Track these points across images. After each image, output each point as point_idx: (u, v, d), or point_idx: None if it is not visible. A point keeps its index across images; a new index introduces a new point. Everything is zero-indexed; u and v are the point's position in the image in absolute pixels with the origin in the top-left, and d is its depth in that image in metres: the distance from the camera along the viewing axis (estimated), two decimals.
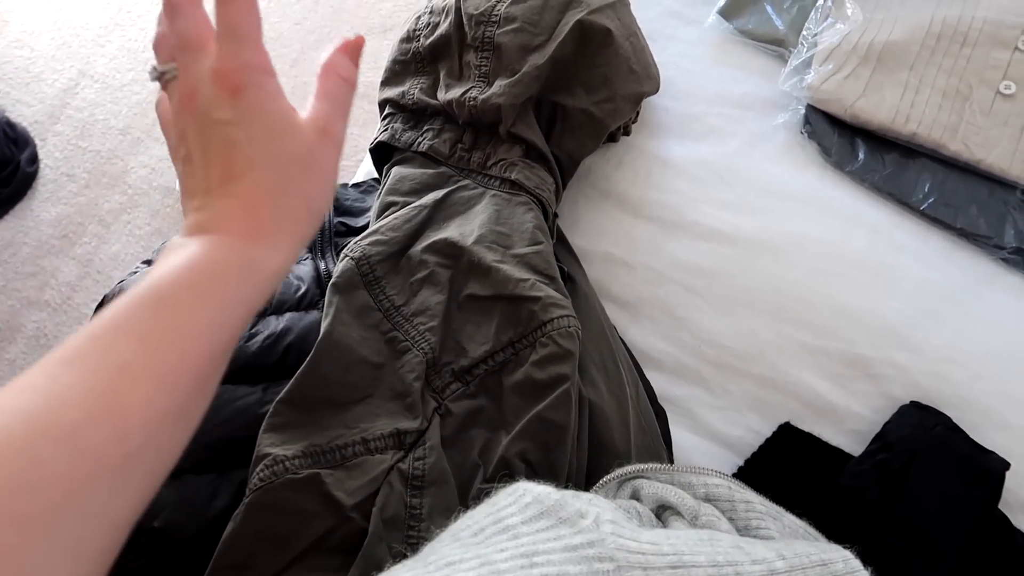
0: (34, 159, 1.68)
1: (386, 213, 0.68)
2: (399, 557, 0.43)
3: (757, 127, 0.81)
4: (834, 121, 0.79)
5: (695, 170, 0.78)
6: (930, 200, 0.74)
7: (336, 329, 0.59)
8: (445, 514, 0.50)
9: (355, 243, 0.64)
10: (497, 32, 0.69)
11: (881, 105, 0.77)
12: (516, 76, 0.67)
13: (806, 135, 0.79)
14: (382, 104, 0.76)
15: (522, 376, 0.58)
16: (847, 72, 0.78)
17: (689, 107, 0.82)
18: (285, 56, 1.77)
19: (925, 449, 0.62)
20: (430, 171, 0.69)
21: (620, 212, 0.77)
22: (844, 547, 0.47)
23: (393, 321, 0.61)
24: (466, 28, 0.70)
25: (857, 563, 0.46)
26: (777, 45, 0.85)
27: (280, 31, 1.81)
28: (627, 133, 0.80)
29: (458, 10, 0.71)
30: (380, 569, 0.41)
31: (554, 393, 0.56)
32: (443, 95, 0.70)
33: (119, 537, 0.30)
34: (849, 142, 0.78)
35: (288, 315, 0.63)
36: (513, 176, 0.67)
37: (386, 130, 0.73)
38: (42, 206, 1.65)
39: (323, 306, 0.64)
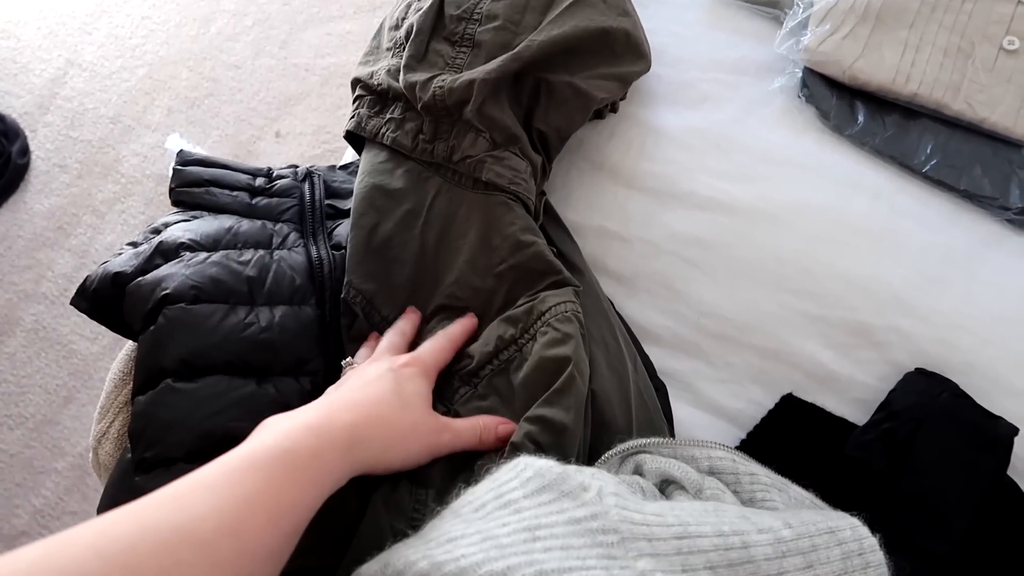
0: (25, 151, 1.67)
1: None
2: (400, 535, 0.43)
3: (753, 92, 0.78)
4: (832, 83, 0.77)
5: (690, 139, 0.76)
6: (932, 162, 0.72)
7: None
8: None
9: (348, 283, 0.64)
10: (479, 30, 0.67)
11: (881, 65, 0.75)
12: (497, 59, 0.66)
13: (803, 99, 0.77)
14: (353, 83, 0.73)
15: (528, 370, 0.57)
16: (845, 32, 0.76)
17: (682, 74, 0.79)
18: (274, 37, 1.74)
19: (931, 417, 0.61)
20: (399, 170, 0.67)
21: (613, 184, 0.75)
22: (852, 514, 0.46)
23: None
24: (446, 20, 0.68)
25: (865, 530, 0.45)
26: (772, 7, 0.82)
27: (268, 12, 1.78)
28: (614, 110, 0.78)
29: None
30: (380, 549, 0.41)
31: (559, 378, 0.55)
32: (404, 76, 0.67)
33: None
34: (848, 105, 0.76)
35: (281, 310, 0.62)
36: (484, 176, 0.65)
37: (354, 116, 0.71)
38: (35, 198, 1.64)
39: (314, 303, 0.64)
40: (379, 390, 0.52)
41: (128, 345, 0.71)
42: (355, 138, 0.73)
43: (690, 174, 0.74)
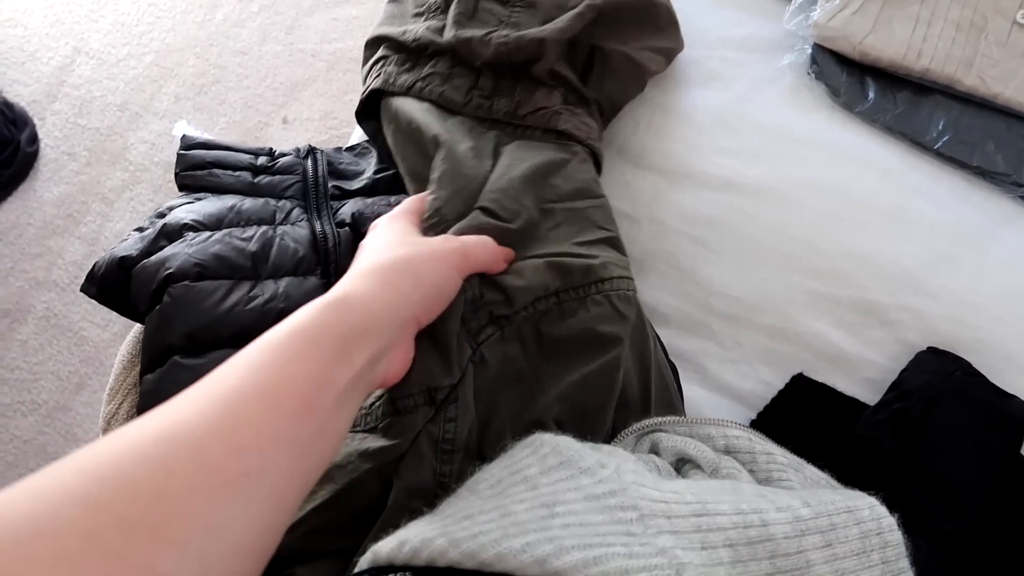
0: (34, 139, 1.67)
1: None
2: (416, 514, 0.42)
3: (762, 70, 0.77)
4: (842, 60, 0.76)
5: (698, 117, 0.75)
6: (944, 138, 0.71)
7: None
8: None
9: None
10: None
11: (891, 41, 0.74)
12: (562, 17, 0.64)
13: (813, 76, 0.76)
14: (375, 42, 0.69)
15: (568, 332, 0.53)
16: (855, 7, 0.75)
17: (690, 52, 0.78)
18: (280, 23, 1.74)
19: (943, 396, 0.60)
20: (448, 121, 0.64)
21: (622, 163, 0.74)
22: (869, 494, 0.46)
23: None
24: None
25: (883, 510, 0.45)
26: None
27: None
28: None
29: None
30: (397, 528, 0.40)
31: (604, 358, 0.53)
32: (454, 32, 0.63)
33: (248, 567, 0.33)
34: (858, 81, 0.75)
35: (285, 281, 0.62)
36: (560, 126, 0.62)
37: (379, 75, 0.67)
38: (44, 186, 1.64)
39: (319, 274, 0.63)
40: (373, 244, 0.52)
41: (136, 327, 0.71)
42: (363, 115, 0.71)
43: (699, 153, 0.73)
